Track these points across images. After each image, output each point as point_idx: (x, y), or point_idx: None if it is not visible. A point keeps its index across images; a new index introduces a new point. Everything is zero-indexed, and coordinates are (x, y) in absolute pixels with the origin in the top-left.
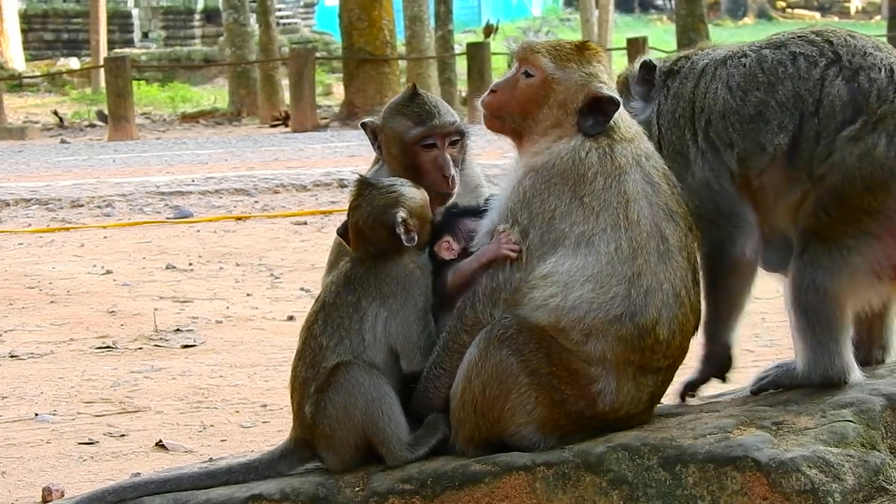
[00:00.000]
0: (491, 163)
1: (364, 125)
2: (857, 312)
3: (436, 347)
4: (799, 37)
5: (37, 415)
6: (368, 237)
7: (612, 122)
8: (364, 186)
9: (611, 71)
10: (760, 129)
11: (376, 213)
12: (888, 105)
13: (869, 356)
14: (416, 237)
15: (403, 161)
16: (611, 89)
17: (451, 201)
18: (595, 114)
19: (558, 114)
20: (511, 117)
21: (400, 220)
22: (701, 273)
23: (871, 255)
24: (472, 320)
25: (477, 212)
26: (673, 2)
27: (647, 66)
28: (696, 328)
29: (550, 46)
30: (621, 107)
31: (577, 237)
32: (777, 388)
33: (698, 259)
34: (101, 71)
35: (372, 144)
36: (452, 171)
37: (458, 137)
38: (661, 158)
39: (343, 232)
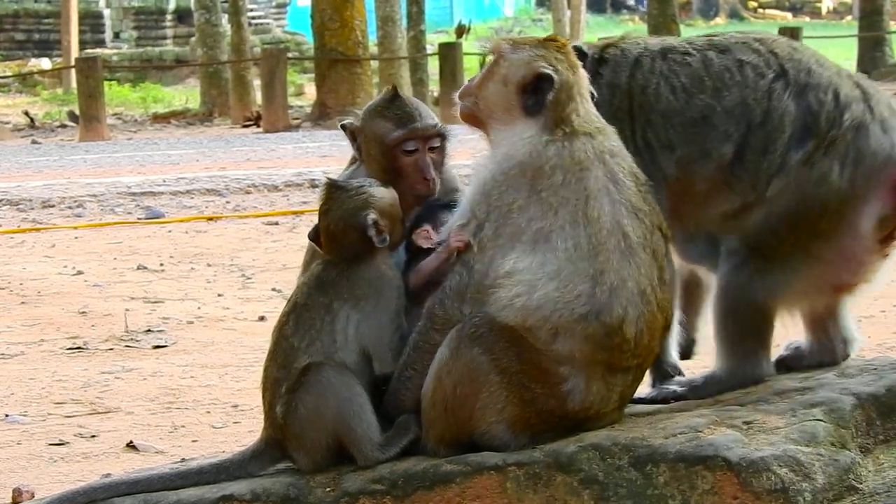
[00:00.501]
0: (462, 163)
1: (344, 126)
2: (811, 318)
3: (406, 348)
4: (742, 43)
5: (7, 416)
6: (340, 240)
7: (566, 113)
8: (333, 189)
9: (573, 63)
10: (706, 135)
11: (347, 217)
12: (837, 129)
13: (834, 355)
14: (387, 238)
15: (383, 163)
16: (557, 71)
17: (417, 214)
18: (537, 93)
19: (504, 92)
20: (469, 98)
21: (371, 222)
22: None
23: (816, 277)
24: (442, 319)
25: (451, 207)
26: (645, 2)
27: (577, 51)
28: (665, 327)
29: (519, 36)
30: (581, 100)
31: (535, 233)
32: (696, 396)
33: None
34: (73, 71)
35: (352, 145)
36: (433, 173)
37: (438, 141)
38: (630, 156)
39: (314, 236)
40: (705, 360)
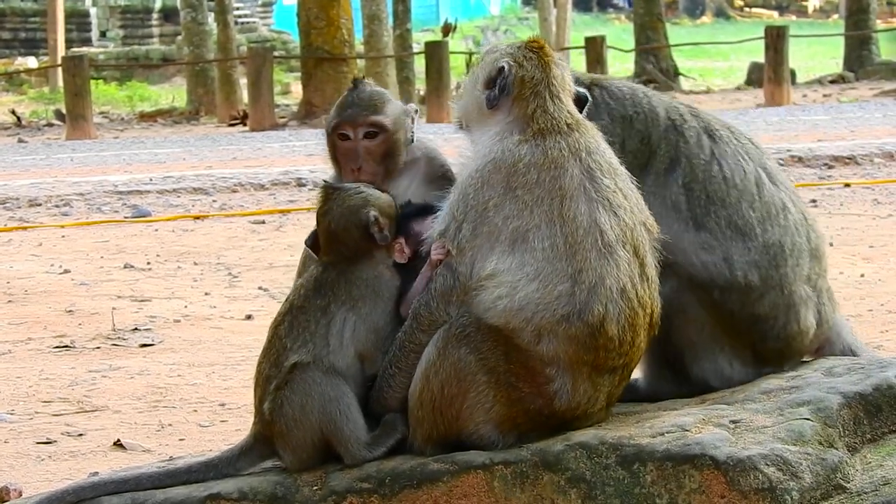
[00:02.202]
0: (449, 160)
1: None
2: None
3: (391, 347)
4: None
5: None
6: (341, 239)
7: (531, 110)
8: (331, 191)
9: (546, 61)
10: (740, 245)
11: (348, 214)
12: None
13: None
14: (388, 235)
15: (329, 150)
16: (520, 66)
17: (407, 198)
18: (500, 89)
19: (475, 91)
20: (455, 101)
21: (373, 218)
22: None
23: None
24: (427, 320)
25: (427, 210)
26: (631, 1)
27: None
28: (649, 324)
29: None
30: (550, 97)
31: (512, 232)
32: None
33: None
34: (59, 70)
35: None
36: (360, 162)
37: (373, 130)
38: (609, 152)
39: (312, 242)
40: None
